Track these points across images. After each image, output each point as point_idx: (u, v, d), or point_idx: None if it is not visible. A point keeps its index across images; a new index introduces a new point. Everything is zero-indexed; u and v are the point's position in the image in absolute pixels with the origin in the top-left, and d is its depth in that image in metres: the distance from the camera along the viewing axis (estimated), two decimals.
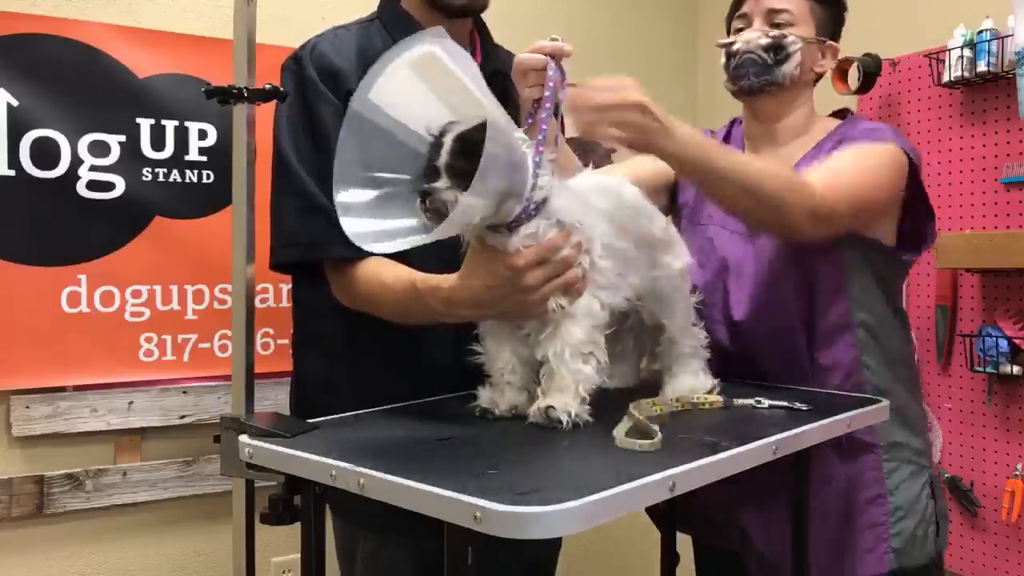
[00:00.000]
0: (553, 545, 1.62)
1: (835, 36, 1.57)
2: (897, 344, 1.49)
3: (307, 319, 1.49)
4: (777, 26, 1.49)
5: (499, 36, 1.59)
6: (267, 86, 1.30)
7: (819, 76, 1.56)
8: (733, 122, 1.67)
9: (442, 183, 1.05)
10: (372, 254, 1.32)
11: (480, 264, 1.13)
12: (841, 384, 1.43)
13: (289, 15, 2.19)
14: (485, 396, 1.21)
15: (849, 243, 1.41)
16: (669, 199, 1.63)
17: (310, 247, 1.33)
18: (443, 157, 1.05)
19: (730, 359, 1.45)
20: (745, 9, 1.52)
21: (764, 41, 1.48)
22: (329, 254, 1.33)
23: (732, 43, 1.52)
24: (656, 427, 1.03)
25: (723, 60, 1.54)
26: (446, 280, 1.18)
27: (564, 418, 1.09)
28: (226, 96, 1.28)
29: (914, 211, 1.47)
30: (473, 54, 1.50)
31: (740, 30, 1.53)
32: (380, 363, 1.39)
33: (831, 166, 1.38)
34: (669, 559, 1.66)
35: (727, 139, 1.64)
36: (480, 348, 1.22)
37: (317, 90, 1.34)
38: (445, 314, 1.20)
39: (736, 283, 1.48)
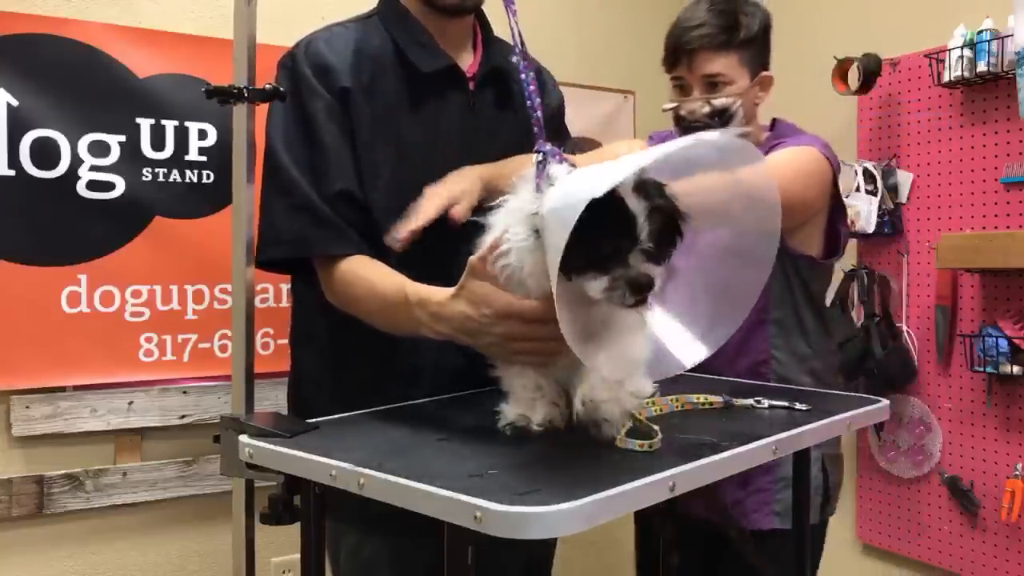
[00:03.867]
0: (549, 544, 1.61)
1: (765, 63, 1.61)
2: (812, 340, 1.62)
3: (302, 316, 1.48)
4: (713, 86, 1.54)
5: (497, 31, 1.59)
6: (267, 86, 1.30)
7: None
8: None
9: (642, 270, 0.97)
10: (359, 253, 1.31)
11: (470, 292, 1.08)
12: (748, 369, 1.56)
13: (289, 15, 2.19)
14: (511, 412, 1.12)
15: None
16: None
17: (296, 244, 1.31)
18: (645, 235, 0.97)
19: None
20: (680, 73, 1.57)
21: (707, 110, 1.54)
22: (314, 252, 1.32)
23: (677, 108, 1.58)
24: (656, 427, 1.03)
25: (672, 118, 1.61)
26: (437, 293, 1.15)
27: (610, 420, 1.04)
28: (226, 96, 1.27)
29: (833, 217, 1.59)
30: (473, 50, 1.49)
31: (679, 87, 1.59)
32: (367, 363, 1.38)
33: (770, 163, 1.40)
34: (669, 559, 1.66)
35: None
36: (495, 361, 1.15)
37: (310, 86, 1.34)
38: (429, 328, 1.16)
39: None
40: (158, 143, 2.07)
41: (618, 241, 0.97)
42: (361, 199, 1.34)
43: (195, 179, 2.11)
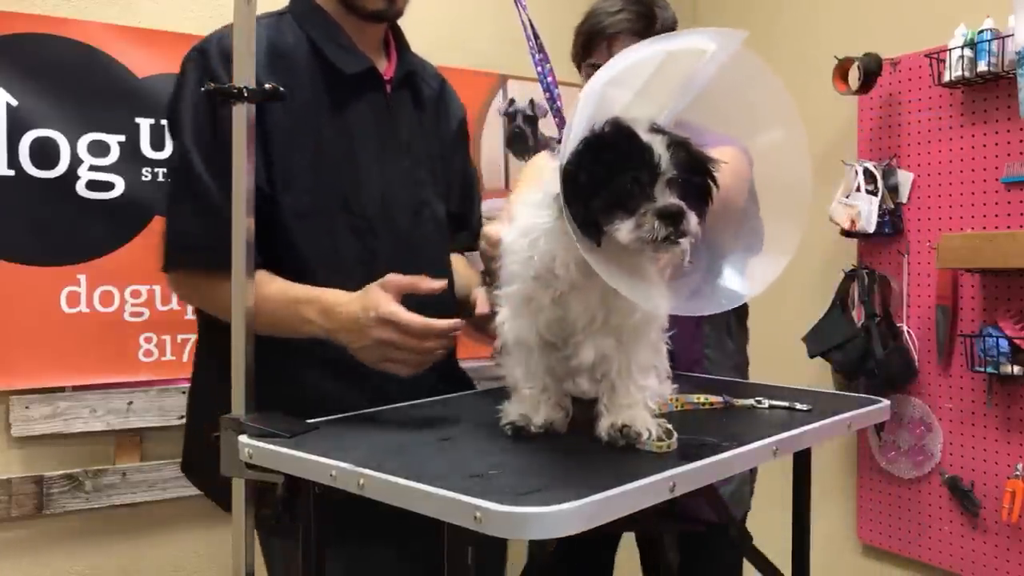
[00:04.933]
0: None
1: None
2: (736, 338, 1.71)
3: (203, 327, 1.44)
4: None
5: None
6: (267, 86, 1.29)
7: None
8: None
9: (670, 200, 0.93)
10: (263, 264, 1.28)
11: (367, 296, 1.14)
12: (683, 370, 1.55)
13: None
14: (513, 411, 1.10)
15: None
16: None
17: (209, 254, 1.25)
18: (668, 168, 0.92)
19: None
20: (597, 60, 1.60)
21: None
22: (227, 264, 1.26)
23: None
24: (671, 427, 1.03)
25: None
26: (332, 294, 1.20)
27: (645, 433, 1.01)
28: (226, 96, 1.27)
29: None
30: (387, 57, 1.48)
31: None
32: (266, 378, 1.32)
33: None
34: (668, 559, 1.66)
35: None
36: (502, 360, 1.13)
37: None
38: (315, 324, 1.20)
39: None
40: (158, 143, 2.07)
41: (637, 174, 0.92)
42: (273, 205, 1.31)
43: None
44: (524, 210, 1.07)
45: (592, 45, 1.62)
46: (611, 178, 0.92)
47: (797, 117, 1.07)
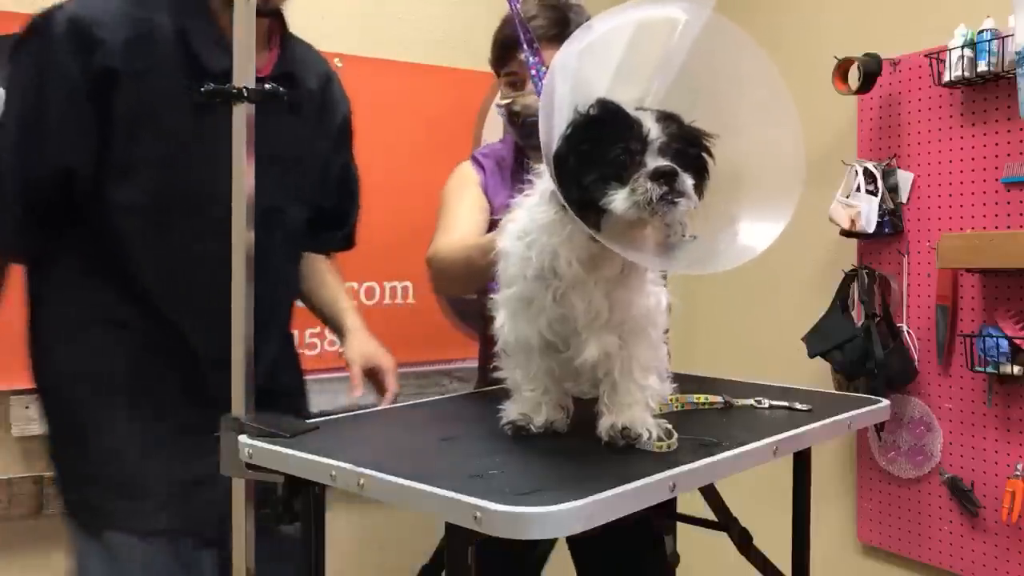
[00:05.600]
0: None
1: None
2: None
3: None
4: None
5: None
6: (267, 86, 1.29)
7: None
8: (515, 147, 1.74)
9: (662, 162, 0.92)
10: (28, 255, 1.35)
11: None
12: None
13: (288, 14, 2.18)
14: (513, 411, 1.11)
15: None
16: None
17: None
18: (658, 136, 0.93)
19: None
20: (514, 68, 1.61)
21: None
22: None
23: (511, 104, 1.62)
24: (671, 426, 1.03)
25: (505, 116, 1.65)
26: None
27: (645, 434, 1.01)
28: (226, 96, 1.27)
29: None
30: (269, 50, 1.43)
31: (512, 84, 1.63)
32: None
33: None
34: (669, 559, 1.66)
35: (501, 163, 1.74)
36: (501, 362, 1.13)
37: (59, 62, 1.22)
38: None
39: None
40: None
41: (627, 144, 0.92)
42: (85, 190, 1.27)
43: None
44: (519, 213, 1.07)
45: (508, 54, 1.61)
46: (601, 153, 0.92)
47: (780, 80, 1.04)
